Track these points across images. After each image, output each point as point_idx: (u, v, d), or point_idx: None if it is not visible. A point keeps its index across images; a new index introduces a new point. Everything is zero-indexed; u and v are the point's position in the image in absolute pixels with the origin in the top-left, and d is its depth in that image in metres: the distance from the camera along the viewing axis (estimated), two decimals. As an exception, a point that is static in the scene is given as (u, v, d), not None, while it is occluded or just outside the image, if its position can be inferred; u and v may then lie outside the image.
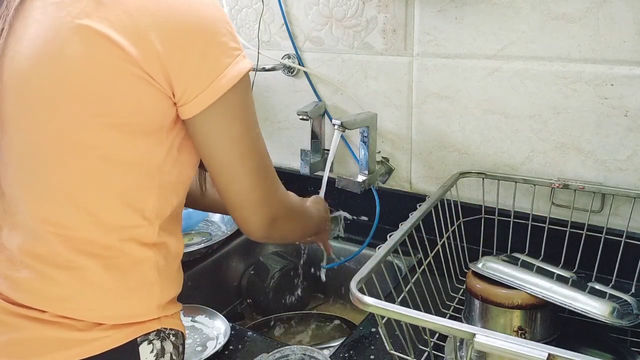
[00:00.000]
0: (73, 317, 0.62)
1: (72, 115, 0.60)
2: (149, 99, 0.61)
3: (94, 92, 0.60)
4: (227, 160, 0.67)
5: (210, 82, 0.61)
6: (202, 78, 0.61)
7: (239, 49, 0.64)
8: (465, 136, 1.11)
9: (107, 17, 0.59)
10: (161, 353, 0.67)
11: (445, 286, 0.95)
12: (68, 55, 0.59)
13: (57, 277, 0.62)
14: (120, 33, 0.58)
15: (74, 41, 0.59)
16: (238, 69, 0.63)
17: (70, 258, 0.62)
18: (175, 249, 0.71)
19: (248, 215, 0.71)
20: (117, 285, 0.64)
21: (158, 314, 0.67)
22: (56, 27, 0.60)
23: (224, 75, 0.62)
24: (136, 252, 0.65)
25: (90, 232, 0.62)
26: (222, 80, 0.62)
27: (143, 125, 0.62)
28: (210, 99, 0.62)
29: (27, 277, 0.63)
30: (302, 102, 1.27)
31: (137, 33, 0.59)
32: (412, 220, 0.87)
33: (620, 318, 0.75)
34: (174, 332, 0.69)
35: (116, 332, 0.63)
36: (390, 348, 0.73)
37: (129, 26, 0.59)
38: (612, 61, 0.94)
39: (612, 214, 0.98)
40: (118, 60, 0.59)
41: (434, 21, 1.08)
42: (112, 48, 0.58)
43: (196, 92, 0.61)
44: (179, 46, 0.60)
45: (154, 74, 0.60)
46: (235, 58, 0.63)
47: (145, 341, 0.65)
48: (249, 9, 1.30)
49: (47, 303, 0.63)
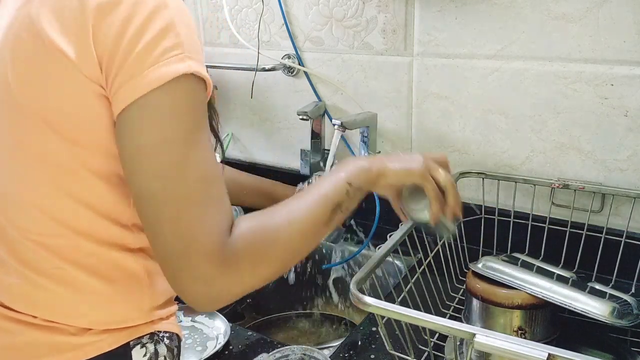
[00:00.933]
0: (63, 322, 0.62)
1: (26, 125, 0.58)
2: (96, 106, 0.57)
3: (41, 100, 0.57)
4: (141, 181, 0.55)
5: (129, 79, 0.53)
6: (123, 73, 0.54)
7: (176, 49, 0.54)
8: (465, 136, 1.11)
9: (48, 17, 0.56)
10: (154, 356, 0.66)
11: (445, 286, 0.95)
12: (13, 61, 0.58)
13: (45, 284, 0.61)
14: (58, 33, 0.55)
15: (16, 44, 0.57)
16: (164, 71, 0.53)
17: (56, 265, 0.61)
18: None
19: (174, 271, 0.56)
20: (106, 291, 0.63)
21: (151, 318, 0.66)
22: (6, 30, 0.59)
23: (145, 75, 0.53)
24: (122, 258, 0.63)
25: (71, 240, 0.61)
26: (142, 80, 0.53)
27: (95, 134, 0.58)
28: (126, 99, 0.54)
29: (17, 282, 0.62)
30: (302, 102, 1.27)
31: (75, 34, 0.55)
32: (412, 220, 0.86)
33: (620, 318, 0.75)
34: (168, 334, 0.68)
35: (108, 336, 0.63)
36: (390, 348, 0.73)
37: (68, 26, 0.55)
38: (612, 61, 0.94)
39: (612, 214, 0.98)
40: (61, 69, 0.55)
41: (434, 21, 1.08)
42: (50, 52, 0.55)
43: (116, 88, 0.54)
44: (111, 32, 0.54)
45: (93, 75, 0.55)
46: (167, 59, 0.54)
47: (138, 345, 0.65)
48: (249, 9, 1.30)
49: (36, 309, 0.62)
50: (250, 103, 1.37)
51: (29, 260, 0.62)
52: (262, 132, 1.40)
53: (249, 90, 1.32)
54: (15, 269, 0.62)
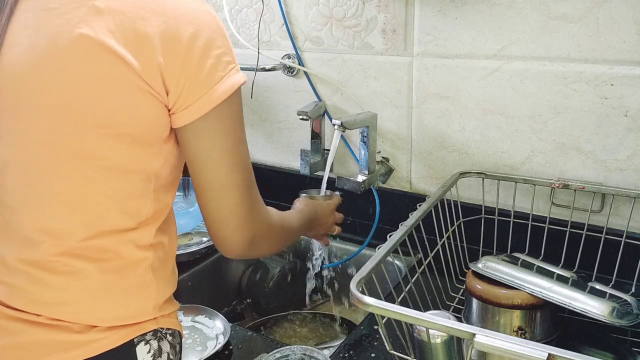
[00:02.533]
0: (69, 320, 0.62)
1: (73, 126, 0.60)
2: (149, 109, 0.61)
3: (95, 103, 0.59)
4: (215, 174, 0.66)
5: (203, 94, 0.62)
6: (195, 89, 0.61)
7: (233, 62, 0.65)
8: (465, 136, 1.11)
9: (107, 26, 0.58)
10: (158, 353, 0.67)
11: (445, 286, 0.95)
12: (69, 66, 0.59)
13: (53, 282, 0.62)
14: (121, 42, 0.58)
15: (74, 51, 0.59)
16: (231, 83, 0.63)
17: (67, 263, 0.62)
18: (170, 248, 0.71)
19: (229, 235, 0.70)
20: (114, 288, 0.64)
21: (155, 314, 0.67)
22: (56, 36, 0.59)
23: (217, 89, 0.62)
24: (132, 255, 0.65)
25: (86, 237, 0.62)
26: (215, 93, 0.62)
27: (143, 135, 0.62)
28: (201, 111, 0.62)
29: (21, 282, 0.63)
30: (302, 102, 1.27)
31: (137, 42, 0.59)
32: (412, 220, 0.87)
33: (620, 318, 0.75)
34: (170, 331, 0.69)
35: (113, 334, 0.63)
36: (390, 348, 0.72)
37: (129, 36, 0.59)
38: (612, 61, 0.94)
39: (612, 214, 0.98)
40: (119, 71, 0.59)
41: (434, 21, 1.08)
42: (112, 59, 0.58)
43: (188, 102, 0.62)
44: (177, 56, 0.60)
45: (153, 84, 0.60)
46: (229, 72, 0.63)
47: (142, 341, 0.65)
48: (249, 9, 1.30)
49: (41, 307, 0.62)
50: (250, 103, 1.37)
51: (37, 260, 0.63)
52: (262, 132, 1.40)
53: (249, 90, 1.32)
54: (20, 271, 0.63)
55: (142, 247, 0.66)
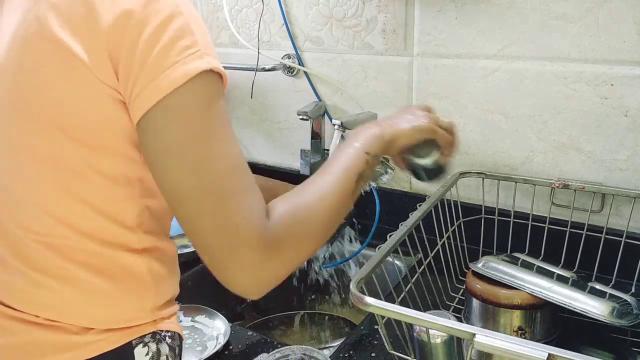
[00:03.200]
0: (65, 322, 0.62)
1: (37, 128, 0.58)
2: (107, 109, 0.57)
3: (53, 105, 0.57)
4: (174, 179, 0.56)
5: (150, 81, 0.54)
6: (143, 77, 0.54)
7: (193, 47, 0.55)
8: (465, 136, 1.11)
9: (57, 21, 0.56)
10: (157, 355, 0.66)
11: (445, 286, 0.95)
12: (25, 66, 0.58)
13: (49, 284, 0.62)
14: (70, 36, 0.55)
15: (28, 50, 0.57)
16: (184, 70, 0.54)
17: (61, 265, 0.61)
18: (168, 251, 0.69)
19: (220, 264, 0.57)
20: (110, 291, 0.63)
21: (153, 317, 0.66)
22: (12, 33, 0.59)
23: (167, 75, 0.53)
24: (126, 258, 0.63)
25: (75, 241, 0.61)
26: (165, 80, 0.54)
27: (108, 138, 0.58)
28: (149, 100, 0.54)
29: (20, 282, 0.62)
30: (302, 102, 1.27)
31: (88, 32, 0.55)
32: (412, 220, 0.87)
33: (620, 318, 0.75)
34: (170, 334, 0.69)
35: (111, 335, 0.63)
36: (390, 348, 0.72)
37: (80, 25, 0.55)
38: (612, 61, 0.94)
39: (612, 214, 0.98)
40: (71, 70, 0.55)
41: (434, 21, 1.08)
42: (64, 56, 0.55)
43: (136, 92, 0.54)
44: (126, 41, 0.54)
45: (106, 79, 0.55)
46: (186, 57, 0.54)
47: (140, 344, 0.65)
48: (249, 9, 1.30)
49: (38, 308, 0.62)
50: (250, 103, 1.37)
51: (32, 260, 0.62)
52: (262, 132, 1.39)
53: (249, 90, 1.32)
54: (18, 269, 0.63)
55: (135, 251, 0.64)
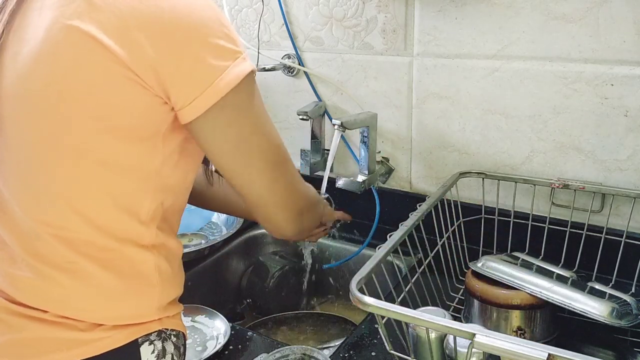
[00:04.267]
0: (74, 317, 0.62)
1: (68, 118, 0.60)
2: (140, 102, 0.60)
3: (87, 94, 0.59)
4: (237, 163, 0.67)
5: (207, 86, 0.60)
6: (197, 82, 0.60)
7: (237, 51, 0.62)
8: (465, 136, 1.11)
9: (98, 18, 0.58)
10: (162, 354, 0.67)
11: (445, 286, 0.95)
12: (60, 57, 0.59)
13: (58, 278, 0.62)
14: (109, 35, 0.57)
15: (64, 43, 0.59)
16: (236, 72, 0.61)
17: (71, 259, 0.62)
18: (175, 250, 0.71)
19: (272, 214, 0.71)
20: (118, 287, 0.64)
21: (159, 315, 0.67)
22: (49, 28, 0.60)
23: (222, 78, 0.60)
24: (135, 254, 0.65)
25: (88, 235, 0.62)
26: (220, 84, 0.60)
27: (137, 129, 0.61)
28: (207, 103, 0.60)
29: (29, 276, 0.63)
30: (302, 102, 1.27)
31: (126, 35, 0.58)
32: (412, 220, 0.87)
33: (620, 318, 0.75)
34: (175, 332, 0.69)
35: (117, 333, 0.63)
36: (390, 348, 0.73)
37: (118, 27, 0.58)
38: (612, 61, 0.94)
39: (612, 214, 0.98)
40: (108, 62, 0.58)
41: (434, 21, 1.08)
42: (101, 50, 0.57)
43: (193, 97, 0.60)
44: (171, 49, 0.59)
45: (145, 78, 0.59)
46: (234, 61, 0.61)
47: (146, 342, 0.65)
48: (249, 9, 1.30)
49: (48, 304, 0.63)
50: (250, 103, 1.37)
51: (43, 254, 0.63)
52: (262, 132, 1.39)
53: (249, 90, 1.32)
54: (27, 263, 0.63)
55: (144, 247, 0.66)
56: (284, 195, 0.71)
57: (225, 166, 0.67)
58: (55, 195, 0.62)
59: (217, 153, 0.66)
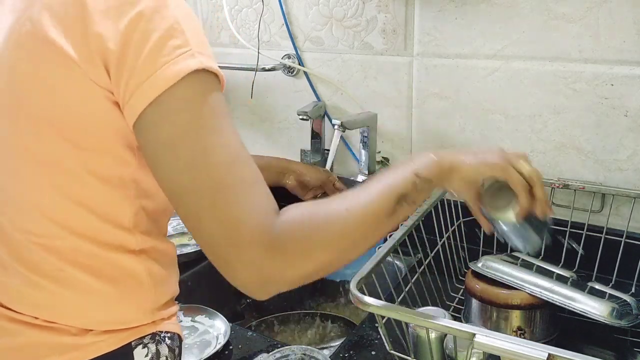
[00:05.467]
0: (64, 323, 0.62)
1: (29, 128, 0.58)
2: (99, 108, 0.57)
3: (45, 103, 0.57)
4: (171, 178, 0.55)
5: (141, 83, 0.53)
6: (135, 78, 0.54)
7: (184, 46, 0.55)
8: (465, 136, 1.11)
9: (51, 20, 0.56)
10: (156, 356, 0.66)
11: (445, 286, 0.95)
12: (18, 64, 0.58)
13: (47, 286, 0.61)
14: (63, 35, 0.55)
15: (22, 49, 0.57)
16: (176, 70, 0.54)
17: (58, 267, 0.61)
18: (166, 251, 0.69)
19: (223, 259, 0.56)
20: (108, 292, 0.63)
21: (153, 318, 0.66)
22: (8, 33, 0.59)
23: (157, 76, 0.53)
24: (124, 260, 0.63)
25: (72, 242, 0.61)
26: (155, 81, 0.53)
27: (100, 137, 0.58)
28: (142, 102, 0.54)
29: (19, 283, 0.62)
30: (302, 102, 1.27)
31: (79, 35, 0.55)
32: (412, 220, 0.87)
33: (620, 318, 0.75)
34: (169, 334, 0.68)
35: (110, 337, 0.63)
36: (390, 348, 0.73)
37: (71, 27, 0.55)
38: (612, 61, 0.94)
39: (612, 214, 0.98)
40: (63, 68, 0.55)
41: (434, 21, 1.08)
42: (56, 55, 0.55)
43: (129, 93, 0.54)
44: (117, 42, 0.54)
45: (98, 79, 0.55)
46: (177, 57, 0.54)
47: (140, 345, 0.65)
48: (249, 9, 1.30)
49: (38, 310, 0.62)
50: (250, 103, 1.37)
51: (30, 262, 0.62)
52: (262, 132, 1.39)
53: (249, 90, 1.32)
54: (17, 271, 0.62)
55: (133, 252, 0.64)
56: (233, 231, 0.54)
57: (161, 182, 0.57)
58: (32, 206, 0.61)
59: (153, 163, 0.56)
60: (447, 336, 0.71)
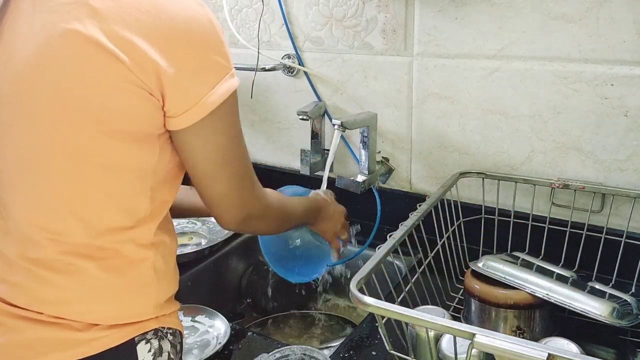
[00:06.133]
0: (70, 318, 0.63)
1: (70, 122, 0.60)
2: (141, 105, 0.61)
3: (88, 98, 0.60)
4: (209, 167, 0.69)
5: (198, 100, 0.63)
6: (191, 95, 0.62)
7: (228, 67, 0.66)
8: (465, 136, 1.11)
9: (100, 26, 0.59)
10: (159, 352, 0.67)
11: (445, 286, 0.95)
12: (62, 62, 0.59)
13: (54, 280, 0.63)
14: (113, 41, 0.58)
15: (66, 47, 0.59)
16: (225, 88, 0.64)
17: (67, 261, 0.63)
18: (171, 247, 0.71)
19: (223, 213, 0.73)
20: (115, 287, 0.65)
21: (156, 314, 0.67)
22: (50, 31, 0.60)
23: (212, 94, 0.63)
24: (133, 254, 0.65)
25: (85, 237, 0.63)
26: (210, 99, 0.63)
27: (136, 131, 0.62)
28: (197, 117, 0.63)
29: (24, 280, 0.63)
30: (302, 102, 1.27)
31: (130, 43, 0.59)
32: (412, 220, 0.87)
33: (620, 318, 0.75)
34: (171, 330, 0.70)
35: (114, 332, 0.64)
36: (390, 348, 0.73)
37: (122, 36, 0.59)
38: (612, 61, 0.94)
39: (612, 214, 0.98)
40: (109, 66, 0.59)
41: (434, 21, 1.08)
42: (103, 55, 0.58)
43: (184, 108, 0.63)
44: (173, 61, 0.61)
45: (147, 81, 0.60)
46: (224, 77, 0.65)
47: (143, 340, 0.66)
48: (249, 9, 1.30)
49: (43, 305, 0.63)
50: (250, 103, 1.37)
51: (39, 258, 0.63)
52: (262, 132, 1.40)
53: (249, 90, 1.32)
54: (22, 268, 0.63)
55: (142, 246, 0.66)
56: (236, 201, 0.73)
57: (198, 169, 0.69)
58: (55, 200, 0.62)
59: (194, 159, 0.68)
60: (441, 338, 0.72)
